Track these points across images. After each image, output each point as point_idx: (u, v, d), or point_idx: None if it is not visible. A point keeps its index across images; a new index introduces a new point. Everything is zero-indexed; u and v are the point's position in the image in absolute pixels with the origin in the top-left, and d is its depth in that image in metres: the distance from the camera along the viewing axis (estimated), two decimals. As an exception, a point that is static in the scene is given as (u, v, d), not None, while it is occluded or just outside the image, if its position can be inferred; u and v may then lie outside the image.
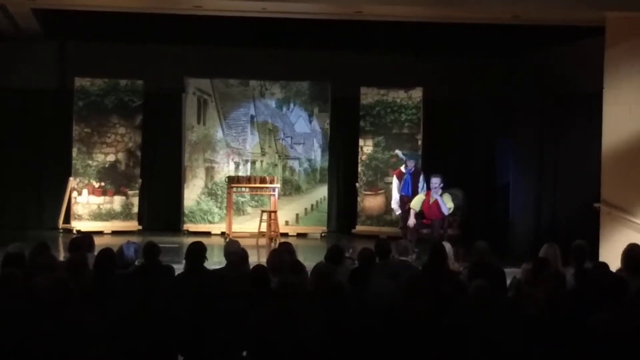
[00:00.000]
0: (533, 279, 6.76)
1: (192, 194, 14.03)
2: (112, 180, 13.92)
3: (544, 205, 12.71)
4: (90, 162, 13.87)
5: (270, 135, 14.28)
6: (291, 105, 14.33)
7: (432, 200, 11.64)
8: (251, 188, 13.43)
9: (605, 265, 7.31)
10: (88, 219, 13.78)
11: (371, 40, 13.78)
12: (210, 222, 13.97)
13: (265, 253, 10.68)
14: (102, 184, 13.88)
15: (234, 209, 13.52)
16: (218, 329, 5.56)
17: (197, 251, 7.04)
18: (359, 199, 14.30)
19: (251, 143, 14.21)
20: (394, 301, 5.76)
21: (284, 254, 7.33)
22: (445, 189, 11.77)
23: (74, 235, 11.84)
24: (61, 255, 9.84)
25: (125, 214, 13.95)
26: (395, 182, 12.78)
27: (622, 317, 5.22)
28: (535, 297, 6.02)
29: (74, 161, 13.80)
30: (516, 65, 14.04)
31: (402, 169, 12.79)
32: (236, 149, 14.16)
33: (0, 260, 6.93)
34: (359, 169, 14.35)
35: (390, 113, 14.31)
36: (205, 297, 6.02)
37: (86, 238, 8.05)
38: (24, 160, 14.14)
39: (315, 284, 6.09)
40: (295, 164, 14.36)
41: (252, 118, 14.22)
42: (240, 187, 13.43)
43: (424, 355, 5.29)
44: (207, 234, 13.49)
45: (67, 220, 13.74)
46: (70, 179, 13.79)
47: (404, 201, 12.36)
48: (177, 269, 7.32)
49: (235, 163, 14.15)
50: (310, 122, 14.33)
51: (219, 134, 14.12)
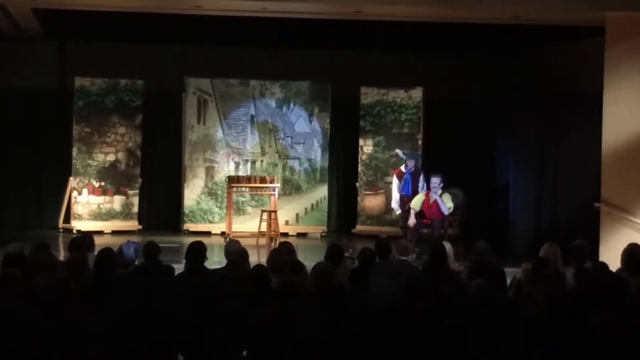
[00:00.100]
0: (533, 279, 6.76)
1: (192, 193, 14.02)
2: (112, 179, 13.92)
3: (544, 205, 12.71)
4: (90, 162, 13.87)
5: (271, 135, 14.28)
6: (291, 105, 14.33)
7: (432, 200, 11.64)
8: (251, 188, 13.43)
9: (604, 265, 7.31)
10: (88, 219, 13.78)
11: (371, 40, 13.78)
12: (210, 222, 13.97)
13: (265, 253, 10.68)
14: (102, 183, 13.88)
15: (234, 209, 13.52)
16: (218, 328, 5.56)
17: (197, 251, 7.05)
18: (359, 199, 14.29)
19: (251, 143, 14.21)
20: (394, 301, 5.76)
21: (284, 253, 7.33)
22: (446, 188, 11.77)
23: (74, 235, 11.84)
24: (61, 255, 9.84)
25: (125, 214, 13.95)
26: (395, 182, 12.78)
27: (622, 317, 5.22)
28: (536, 297, 6.02)
29: (74, 161, 13.80)
30: (516, 65, 14.04)
31: (402, 168, 12.78)
32: (236, 148, 14.16)
33: (0, 260, 6.94)
34: (359, 168, 14.34)
35: (390, 113, 14.31)
36: (206, 297, 6.02)
37: (86, 238, 8.05)
38: (24, 160, 14.12)
39: (315, 283, 6.09)
40: (295, 164, 14.35)
41: (252, 118, 14.22)
42: (241, 187, 13.43)
43: (424, 355, 5.29)
44: (207, 233, 13.48)
45: (67, 219, 13.74)
46: (71, 178, 13.78)
47: (404, 201, 12.35)
48: (177, 268, 7.32)
49: (235, 163, 14.14)
50: (310, 122, 14.32)
51: (219, 134, 14.11)
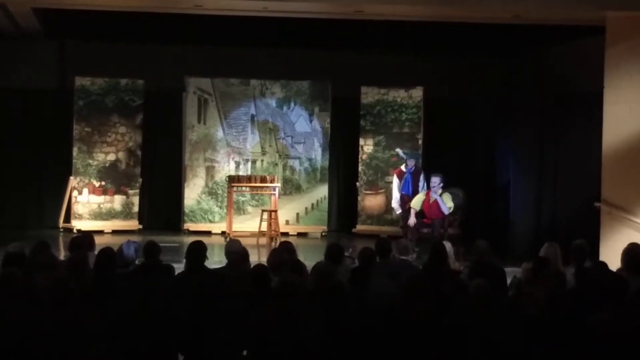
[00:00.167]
0: (533, 278, 6.77)
1: (193, 193, 14.02)
2: (113, 179, 13.92)
3: (544, 205, 12.70)
4: (90, 162, 13.87)
5: (271, 134, 14.28)
6: (292, 105, 14.33)
7: (432, 199, 11.64)
8: (251, 187, 13.42)
9: (604, 265, 7.32)
10: (88, 218, 13.78)
11: (372, 40, 13.77)
12: (210, 222, 13.97)
13: (265, 252, 10.67)
14: (103, 183, 13.88)
15: (235, 208, 13.51)
16: (218, 328, 5.56)
17: (198, 250, 7.05)
18: (359, 199, 14.29)
19: (252, 142, 14.21)
20: (394, 301, 5.76)
21: (284, 253, 7.33)
22: (446, 188, 11.77)
23: (75, 235, 11.84)
24: (61, 255, 9.84)
25: (125, 213, 13.95)
26: (395, 181, 12.77)
27: (622, 317, 5.22)
28: (536, 297, 6.02)
29: (74, 160, 13.80)
30: (516, 65, 14.02)
31: (403, 168, 12.78)
32: (237, 148, 14.16)
33: (0, 260, 6.94)
34: (360, 168, 14.34)
35: (390, 112, 14.31)
36: (206, 297, 6.02)
37: (86, 237, 8.05)
38: (24, 160, 14.11)
39: (315, 283, 6.09)
40: (295, 163, 14.35)
41: (253, 117, 14.21)
42: (241, 187, 13.42)
43: (424, 355, 5.29)
44: (208, 233, 13.48)
45: (68, 219, 13.74)
46: (71, 178, 13.78)
47: (405, 200, 12.35)
48: (178, 268, 7.32)
49: (235, 162, 14.14)
50: (310, 122, 14.32)
51: (220, 133, 14.11)
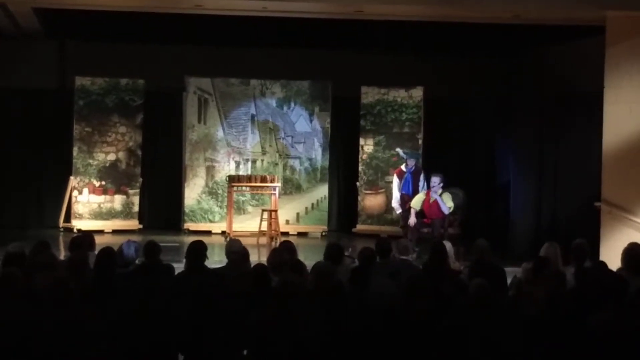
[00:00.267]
0: (533, 278, 6.76)
1: (193, 193, 14.03)
2: (113, 179, 13.92)
3: (544, 205, 12.70)
4: (90, 161, 13.87)
5: (271, 134, 14.28)
6: (292, 105, 14.33)
7: (432, 199, 11.64)
8: (252, 187, 13.42)
9: (603, 264, 7.31)
10: (89, 218, 13.79)
11: (372, 40, 13.77)
12: (210, 221, 13.97)
13: (265, 252, 10.67)
14: (103, 182, 13.88)
15: (235, 208, 13.51)
16: (218, 328, 5.55)
17: (198, 250, 7.05)
18: (359, 198, 14.29)
19: (252, 142, 14.21)
20: (394, 301, 5.75)
21: (284, 252, 7.33)
22: (446, 188, 11.77)
23: (75, 234, 11.84)
24: (62, 254, 9.83)
25: (125, 213, 13.95)
26: (395, 181, 12.77)
27: (622, 317, 5.22)
28: (536, 297, 6.02)
29: (74, 160, 13.80)
30: (516, 65, 14.02)
31: (403, 167, 12.78)
32: (237, 148, 14.16)
33: (0, 260, 6.94)
34: (360, 168, 14.34)
35: (390, 112, 14.30)
36: (206, 297, 6.01)
37: (87, 237, 8.05)
38: (25, 160, 14.10)
39: (315, 283, 6.08)
40: (295, 163, 14.35)
41: (253, 117, 14.21)
42: (241, 186, 13.42)
43: (424, 355, 5.29)
44: (208, 233, 13.48)
45: (68, 219, 13.74)
46: (71, 178, 13.78)
47: (405, 200, 12.34)
48: (178, 268, 7.32)
49: (235, 162, 14.14)
50: (310, 121, 14.32)
51: (220, 133, 14.11)
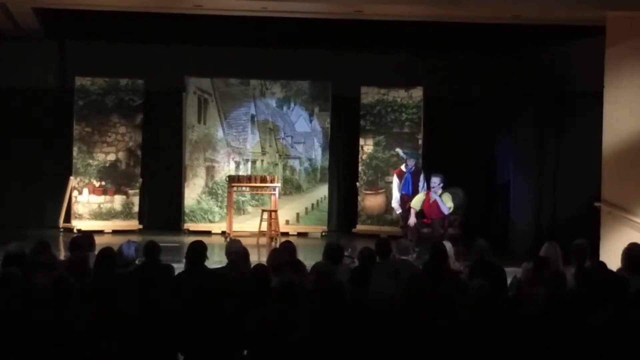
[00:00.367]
0: (534, 278, 6.77)
1: (193, 193, 14.02)
2: (113, 179, 13.92)
3: (544, 205, 12.71)
4: (90, 161, 13.87)
5: (271, 134, 14.27)
6: (292, 105, 14.33)
7: (432, 200, 11.64)
8: (252, 187, 13.42)
9: (603, 264, 7.32)
10: (88, 218, 13.78)
11: (372, 40, 13.76)
12: (210, 222, 13.96)
13: (265, 252, 10.67)
14: (103, 183, 13.88)
15: (235, 208, 13.51)
16: (218, 328, 5.55)
17: (198, 250, 7.05)
18: (359, 198, 14.28)
19: (252, 142, 14.20)
20: (394, 301, 5.75)
21: (284, 253, 7.33)
22: (446, 188, 11.77)
23: (75, 235, 11.84)
24: (62, 255, 9.84)
25: (125, 213, 13.95)
26: (395, 181, 12.76)
27: (622, 317, 5.21)
28: (536, 297, 6.02)
29: (74, 160, 13.79)
30: (516, 65, 14.01)
31: (403, 167, 12.78)
32: (237, 148, 14.16)
33: (0, 259, 6.94)
34: (360, 168, 14.33)
35: (390, 112, 14.30)
36: (206, 297, 6.01)
37: (87, 237, 8.05)
38: (25, 160, 14.09)
39: (314, 283, 6.08)
40: (295, 163, 14.35)
41: (253, 117, 14.21)
42: (241, 187, 13.42)
43: (424, 355, 5.29)
44: (208, 233, 13.48)
45: (68, 219, 13.74)
46: (71, 178, 13.78)
47: (405, 200, 12.34)
48: (178, 268, 7.32)
49: (235, 162, 14.14)
50: (310, 122, 14.32)
51: (220, 133, 14.11)
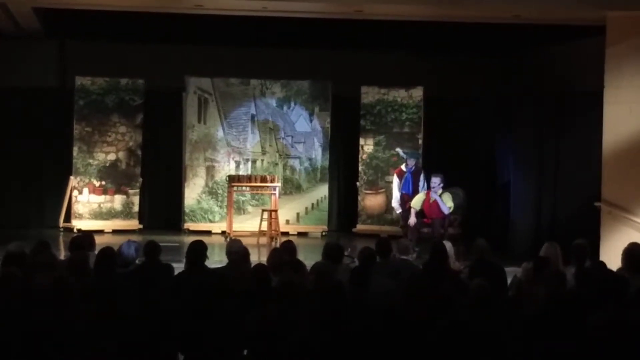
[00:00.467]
0: (534, 278, 6.77)
1: (193, 192, 14.02)
2: (113, 179, 13.92)
3: (544, 204, 12.70)
4: (91, 161, 13.87)
5: (271, 134, 14.28)
6: (292, 104, 14.33)
7: (432, 199, 11.64)
8: (252, 187, 13.41)
9: (603, 264, 7.32)
10: (89, 218, 13.78)
11: (372, 39, 13.76)
12: (210, 221, 13.97)
13: (265, 252, 10.67)
14: (103, 182, 13.88)
15: (235, 208, 13.51)
16: (218, 328, 5.55)
17: (198, 250, 7.05)
18: (359, 198, 14.29)
19: (252, 142, 14.21)
20: (394, 301, 5.75)
21: (284, 253, 7.33)
22: (446, 187, 11.77)
23: (75, 234, 11.85)
24: (62, 254, 9.84)
25: (125, 213, 13.95)
26: (395, 181, 12.76)
27: (622, 317, 5.21)
28: (536, 297, 6.02)
29: (74, 160, 13.80)
30: (516, 65, 14.02)
31: (403, 167, 12.77)
32: (237, 147, 14.16)
33: (0, 259, 6.94)
34: (360, 168, 14.33)
35: (391, 112, 14.30)
36: (206, 296, 6.01)
37: (87, 237, 8.05)
38: (25, 159, 14.08)
39: (314, 283, 6.08)
40: (295, 163, 14.35)
41: (253, 117, 14.21)
42: (241, 186, 13.41)
43: (424, 355, 5.29)
44: (208, 232, 13.48)
45: (68, 219, 13.74)
46: (71, 177, 13.78)
47: (405, 200, 12.34)
48: (178, 267, 7.32)
49: (235, 162, 14.14)
50: (310, 121, 14.32)
51: (220, 133, 14.11)
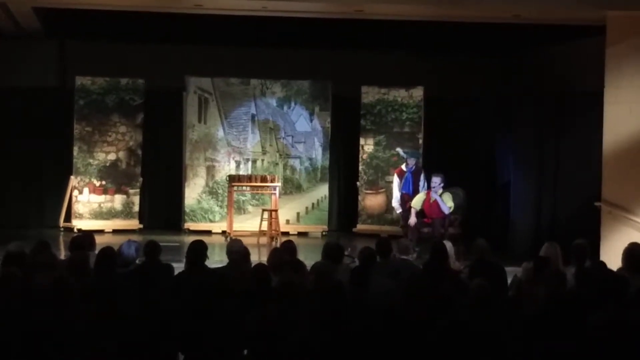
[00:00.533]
0: (534, 278, 6.77)
1: (193, 192, 14.02)
2: (113, 178, 13.92)
3: (544, 204, 12.70)
4: (91, 161, 13.87)
5: (271, 134, 14.28)
6: (292, 104, 14.33)
7: (432, 199, 11.64)
8: (252, 187, 13.42)
9: (603, 264, 7.32)
10: (89, 218, 13.78)
11: (372, 39, 13.76)
12: (211, 221, 13.97)
13: (266, 252, 10.67)
14: (103, 182, 13.89)
15: (235, 208, 13.52)
16: (218, 328, 5.55)
17: (198, 250, 7.05)
18: (359, 198, 14.29)
19: (252, 142, 14.21)
20: (394, 301, 5.75)
21: (284, 252, 7.33)
22: (446, 187, 11.77)
23: (75, 234, 11.85)
24: (62, 254, 9.85)
25: (126, 213, 13.95)
26: (396, 181, 12.76)
27: (622, 317, 5.22)
28: (536, 296, 6.02)
29: (74, 160, 13.80)
30: (516, 65, 14.02)
31: (403, 167, 12.77)
32: (237, 147, 14.16)
33: (0, 259, 6.94)
34: (360, 167, 14.34)
35: (391, 112, 14.30)
36: (206, 296, 6.01)
37: (87, 237, 8.05)
38: (25, 159, 14.08)
39: (315, 283, 6.08)
40: (296, 163, 14.35)
41: (253, 117, 14.21)
42: (241, 186, 13.42)
43: (424, 355, 5.29)
44: (208, 232, 13.48)
45: (68, 218, 13.74)
46: (71, 177, 13.78)
47: (405, 199, 12.34)
48: (178, 268, 7.32)
49: (236, 162, 14.14)
50: (311, 121, 14.32)
51: (220, 133, 14.11)
